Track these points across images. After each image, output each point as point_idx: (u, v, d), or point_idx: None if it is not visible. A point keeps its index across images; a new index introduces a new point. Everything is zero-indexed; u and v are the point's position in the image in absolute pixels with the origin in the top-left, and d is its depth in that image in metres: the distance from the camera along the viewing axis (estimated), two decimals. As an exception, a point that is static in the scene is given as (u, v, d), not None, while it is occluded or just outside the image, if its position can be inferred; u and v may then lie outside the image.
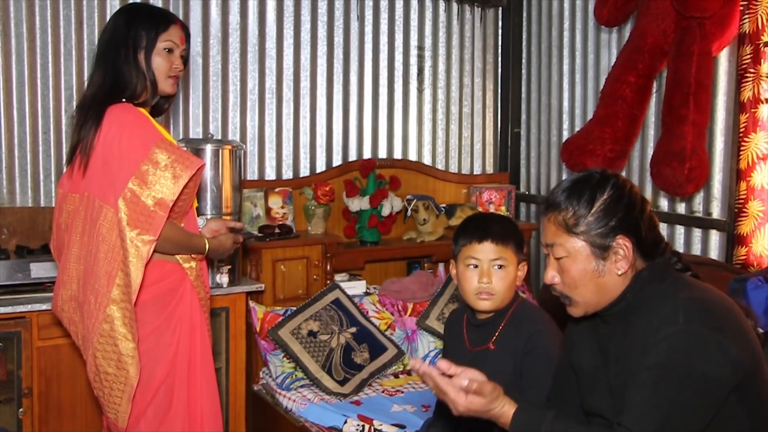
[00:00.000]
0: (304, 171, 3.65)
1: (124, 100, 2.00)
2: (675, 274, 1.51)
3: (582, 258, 1.49)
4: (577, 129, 3.67)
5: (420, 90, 4.00)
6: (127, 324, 1.92)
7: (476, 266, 1.97)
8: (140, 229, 1.89)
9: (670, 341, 1.33)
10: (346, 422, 2.61)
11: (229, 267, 2.82)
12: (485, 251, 1.96)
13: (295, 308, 3.06)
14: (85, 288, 1.96)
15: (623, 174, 3.42)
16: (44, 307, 2.40)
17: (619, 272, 1.47)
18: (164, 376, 2.02)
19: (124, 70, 1.99)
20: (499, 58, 4.26)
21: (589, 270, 1.48)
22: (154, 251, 1.95)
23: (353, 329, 3.08)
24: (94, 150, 1.94)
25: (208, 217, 2.61)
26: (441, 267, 3.60)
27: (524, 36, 4.19)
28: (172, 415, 2.04)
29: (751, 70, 2.78)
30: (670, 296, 1.42)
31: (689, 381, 1.31)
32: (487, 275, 1.95)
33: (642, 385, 1.34)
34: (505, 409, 1.44)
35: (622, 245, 1.46)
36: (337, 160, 3.73)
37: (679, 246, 3.21)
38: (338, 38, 3.72)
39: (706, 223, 3.11)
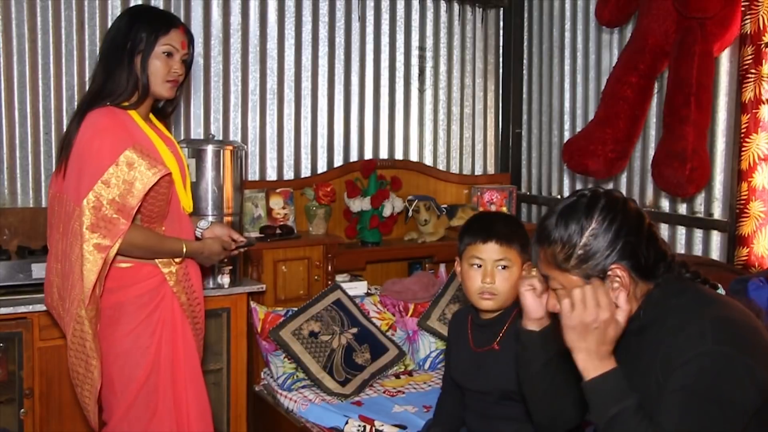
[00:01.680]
0: (306, 171, 3.66)
1: (108, 103, 2.01)
2: (693, 287, 1.44)
3: None
4: (578, 129, 3.67)
5: (421, 90, 4.00)
6: (95, 326, 1.96)
7: (480, 266, 1.97)
8: (99, 233, 1.90)
9: (699, 363, 1.29)
10: (347, 423, 2.61)
11: (231, 267, 2.82)
12: (489, 251, 1.96)
13: (296, 309, 3.06)
14: (63, 287, 1.99)
15: (624, 175, 3.46)
16: (45, 307, 2.41)
17: (617, 301, 1.39)
18: (145, 377, 2.03)
19: (116, 73, 2.01)
20: (500, 59, 4.26)
21: None
22: (122, 255, 1.97)
23: (354, 330, 3.08)
24: (71, 152, 1.98)
25: (211, 219, 2.60)
26: (442, 267, 3.60)
27: (525, 36, 4.19)
28: (158, 418, 2.05)
29: (753, 71, 2.78)
30: (695, 314, 1.36)
31: (717, 405, 1.27)
32: (491, 275, 1.95)
33: (671, 408, 1.29)
34: (608, 361, 1.35)
35: (617, 276, 1.39)
36: (338, 161, 3.73)
37: (681, 247, 3.21)
38: (339, 39, 3.72)
39: (708, 224, 3.11)
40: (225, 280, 2.82)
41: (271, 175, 3.57)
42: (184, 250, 2.07)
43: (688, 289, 1.43)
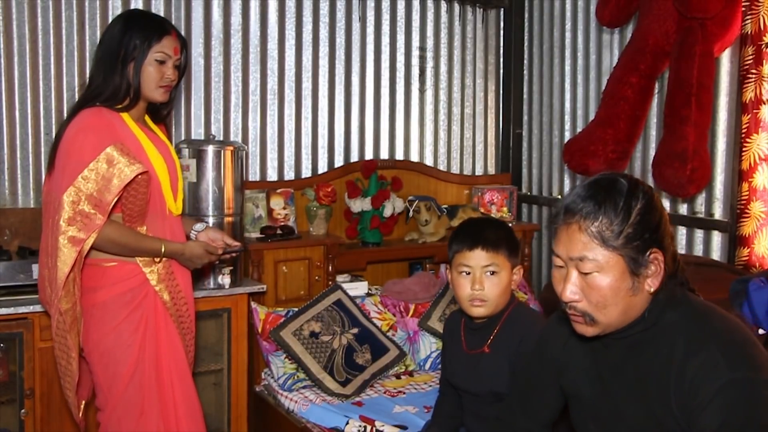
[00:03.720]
0: (306, 172, 3.66)
1: (98, 103, 2.06)
2: (686, 299, 1.40)
3: (617, 274, 1.33)
4: (578, 130, 3.67)
5: (422, 91, 4.00)
6: (73, 319, 2.01)
7: (468, 273, 1.98)
8: (75, 226, 1.94)
9: (724, 397, 1.24)
10: (347, 423, 2.60)
11: (231, 268, 2.82)
12: (477, 258, 1.96)
13: (296, 309, 3.06)
14: (50, 279, 2.02)
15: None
16: (40, 303, 2.41)
17: (651, 290, 1.34)
18: (129, 375, 2.06)
19: (110, 78, 2.06)
20: (501, 59, 4.26)
21: (623, 288, 1.34)
22: (100, 251, 2.02)
23: (355, 330, 3.08)
24: (58, 150, 2.03)
25: (210, 224, 2.60)
26: (443, 268, 3.60)
27: (526, 37, 4.19)
28: (146, 415, 2.08)
29: (753, 71, 2.78)
30: (695, 336, 1.32)
31: None
32: (480, 282, 1.96)
33: None
34: None
35: (657, 260, 1.33)
36: (338, 161, 3.73)
37: (681, 247, 3.21)
38: (340, 39, 3.72)
39: (708, 224, 3.11)
40: (226, 280, 2.82)
41: (272, 175, 3.58)
42: (163, 250, 2.10)
43: (682, 302, 1.39)
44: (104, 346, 2.05)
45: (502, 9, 4.20)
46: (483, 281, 1.96)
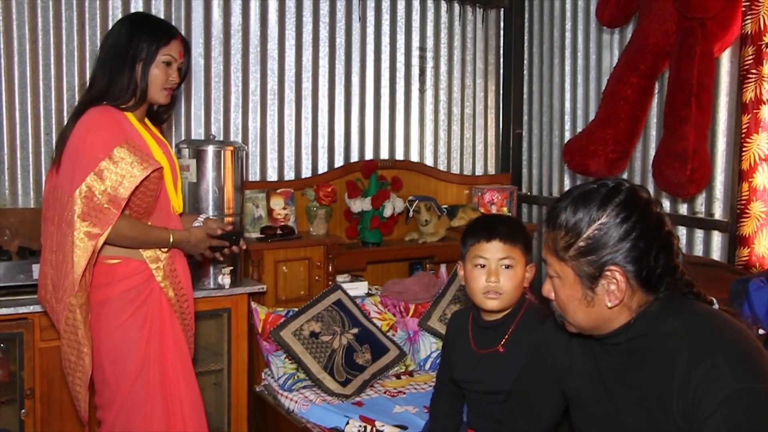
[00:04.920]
0: (306, 172, 3.66)
1: (106, 103, 2.09)
2: (688, 306, 1.36)
3: (569, 284, 1.36)
4: (579, 130, 3.67)
5: (422, 91, 4.00)
6: (86, 314, 2.03)
7: (484, 266, 1.98)
8: (89, 222, 1.98)
9: (729, 407, 1.21)
10: (348, 423, 2.61)
11: (231, 268, 2.82)
12: (493, 250, 1.97)
13: (297, 309, 3.06)
14: (57, 278, 2.04)
15: (625, 175, 3.46)
16: (39, 301, 2.41)
17: (609, 304, 1.33)
18: (137, 371, 2.08)
19: (118, 79, 2.10)
20: (501, 59, 4.26)
21: (576, 297, 1.36)
22: (110, 245, 2.04)
23: (355, 330, 3.08)
24: (66, 147, 2.06)
25: (204, 216, 2.61)
26: (443, 268, 3.60)
27: (526, 37, 4.19)
28: (151, 413, 2.10)
29: (753, 71, 2.78)
30: (699, 344, 1.28)
31: None
32: (495, 274, 1.96)
33: None
34: None
35: (613, 278, 1.31)
36: (338, 161, 3.73)
37: (681, 247, 3.20)
38: (340, 39, 3.72)
39: (708, 224, 3.11)
40: (226, 280, 2.82)
41: (272, 175, 3.58)
42: (171, 239, 2.14)
43: (683, 310, 1.35)
44: (111, 343, 2.07)
45: (502, 9, 4.20)
46: (498, 274, 1.96)
